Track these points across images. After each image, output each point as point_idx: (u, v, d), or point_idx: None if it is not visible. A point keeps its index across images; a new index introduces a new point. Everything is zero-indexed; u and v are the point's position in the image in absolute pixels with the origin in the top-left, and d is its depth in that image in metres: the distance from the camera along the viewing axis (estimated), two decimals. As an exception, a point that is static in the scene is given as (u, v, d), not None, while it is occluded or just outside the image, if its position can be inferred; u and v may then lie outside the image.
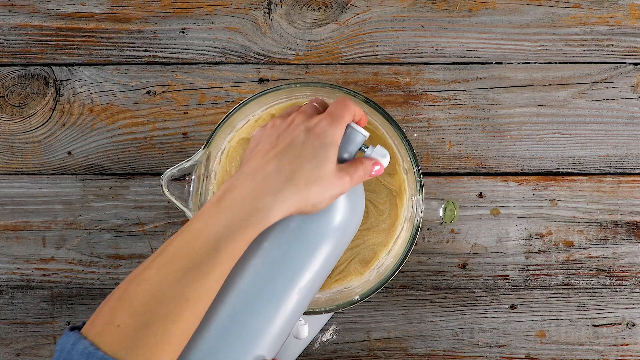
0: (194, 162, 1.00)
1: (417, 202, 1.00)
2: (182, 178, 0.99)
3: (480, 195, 1.14)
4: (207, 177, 1.03)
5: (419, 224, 0.99)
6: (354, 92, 0.99)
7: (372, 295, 1.00)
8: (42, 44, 1.14)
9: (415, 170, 1.00)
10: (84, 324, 0.80)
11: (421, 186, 0.99)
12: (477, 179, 1.14)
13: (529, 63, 1.14)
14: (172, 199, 0.99)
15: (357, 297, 0.99)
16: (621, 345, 1.14)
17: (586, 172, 1.14)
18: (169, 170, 0.98)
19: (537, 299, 1.14)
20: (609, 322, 1.14)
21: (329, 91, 1.01)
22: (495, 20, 1.14)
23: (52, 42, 1.14)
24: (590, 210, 1.14)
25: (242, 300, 0.83)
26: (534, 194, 1.14)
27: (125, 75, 1.14)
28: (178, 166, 0.99)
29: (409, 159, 1.00)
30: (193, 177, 1.00)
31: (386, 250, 1.05)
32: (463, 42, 1.14)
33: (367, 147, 0.92)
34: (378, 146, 0.92)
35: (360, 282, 1.04)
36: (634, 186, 1.14)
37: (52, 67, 1.14)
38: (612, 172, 1.14)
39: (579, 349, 1.14)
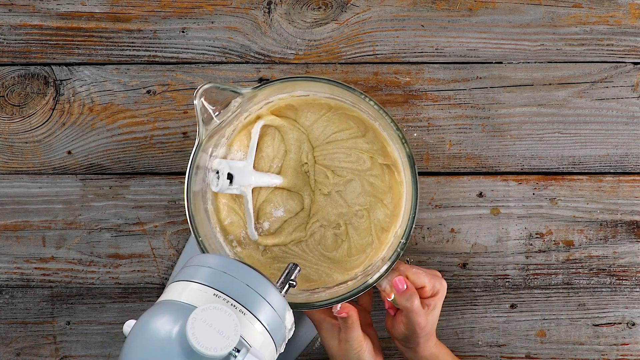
0: (240, 90, 0.97)
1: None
2: (213, 104, 0.97)
3: (480, 195, 1.14)
4: (230, 122, 1.02)
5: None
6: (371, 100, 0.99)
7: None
8: (42, 43, 1.14)
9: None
10: None
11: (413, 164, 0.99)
12: (477, 178, 1.14)
13: (529, 62, 1.14)
14: (198, 111, 0.96)
15: (372, 278, 1.00)
16: (621, 344, 1.14)
17: (586, 171, 1.14)
18: (211, 83, 0.96)
19: (537, 299, 1.14)
20: (609, 322, 1.14)
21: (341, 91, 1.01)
22: (495, 20, 1.14)
23: (52, 42, 1.14)
24: (590, 210, 1.14)
25: None
26: (534, 194, 1.14)
27: (125, 74, 1.14)
28: (222, 85, 0.97)
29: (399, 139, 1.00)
30: (231, 106, 0.98)
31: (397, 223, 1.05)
32: (463, 41, 1.14)
33: (238, 352, 0.80)
34: (252, 349, 0.82)
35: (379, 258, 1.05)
36: (634, 186, 1.14)
37: (52, 66, 1.14)
38: (612, 171, 1.14)
39: (579, 348, 1.14)
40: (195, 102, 0.96)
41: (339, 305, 0.98)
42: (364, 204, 1.05)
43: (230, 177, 1.00)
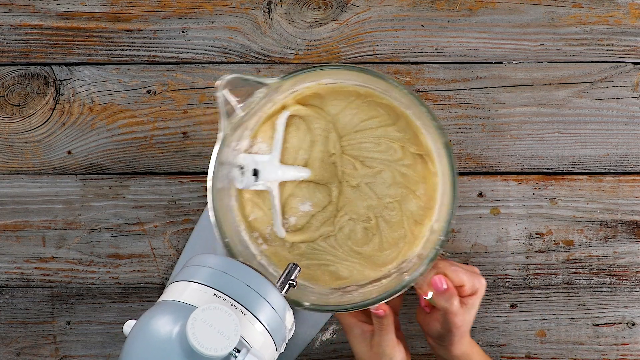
0: (265, 81, 0.94)
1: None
2: (237, 95, 0.94)
3: (481, 195, 1.14)
4: (254, 114, 0.98)
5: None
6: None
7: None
8: (42, 43, 1.14)
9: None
10: None
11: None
12: (477, 178, 1.14)
13: (529, 62, 1.14)
14: (221, 103, 0.93)
15: (408, 277, 0.98)
16: (621, 344, 1.14)
17: (586, 171, 1.14)
18: (235, 74, 0.94)
19: (537, 299, 1.14)
20: (609, 322, 1.14)
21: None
22: (495, 20, 1.14)
23: (52, 42, 1.14)
24: (590, 210, 1.14)
25: None
26: (534, 194, 1.14)
27: (125, 74, 1.14)
28: (247, 76, 0.94)
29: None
30: (255, 97, 0.95)
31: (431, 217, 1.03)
32: (463, 41, 1.14)
33: (238, 352, 0.81)
34: (252, 349, 0.82)
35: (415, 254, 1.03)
36: (634, 185, 1.14)
37: (52, 66, 1.14)
38: (612, 171, 1.14)
39: (579, 348, 1.14)
40: (218, 93, 0.94)
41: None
42: (395, 196, 1.02)
43: (255, 172, 0.98)
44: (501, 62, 1.14)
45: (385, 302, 0.97)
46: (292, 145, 1.03)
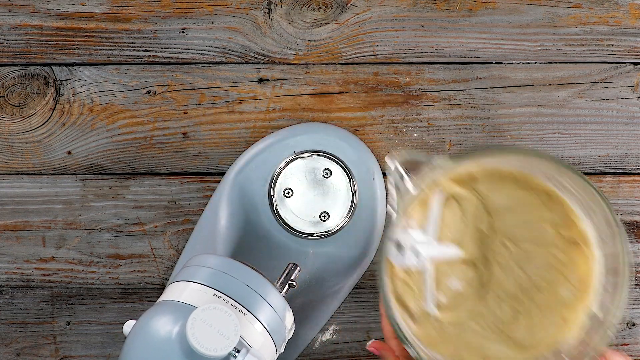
0: (434, 161, 0.92)
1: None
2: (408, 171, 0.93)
3: (480, 195, 1.14)
4: (414, 189, 0.95)
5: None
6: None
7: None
8: (42, 43, 1.14)
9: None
10: None
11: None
12: (477, 178, 1.14)
13: (529, 63, 1.14)
14: (395, 180, 0.92)
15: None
16: (621, 345, 1.14)
17: (586, 172, 1.14)
18: (405, 152, 0.93)
19: (537, 299, 1.14)
20: (609, 322, 1.14)
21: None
22: (495, 20, 1.14)
23: (52, 42, 1.14)
24: (590, 210, 1.14)
25: None
26: (534, 194, 1.14)
27: (125, 75, 1.14)
28: (417, 154, 0.93)
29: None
30: (421, 173, 0.93)
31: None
32: (463, 41, 1.14)
33: (238, 352, 0.81)
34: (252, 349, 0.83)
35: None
36: (634, 186, 1.14)
37: (52, 67, 1.14)
38: (612, 172, 1.14)
39: (578, 348, 1.14)
40: (393, 168, 0.93)
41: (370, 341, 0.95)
42: (546, 279, 0.98)
43: (413, 250, 0.96)
44: (501, 63, 1.14)
45: None
46: (444, 224, 1.00)
